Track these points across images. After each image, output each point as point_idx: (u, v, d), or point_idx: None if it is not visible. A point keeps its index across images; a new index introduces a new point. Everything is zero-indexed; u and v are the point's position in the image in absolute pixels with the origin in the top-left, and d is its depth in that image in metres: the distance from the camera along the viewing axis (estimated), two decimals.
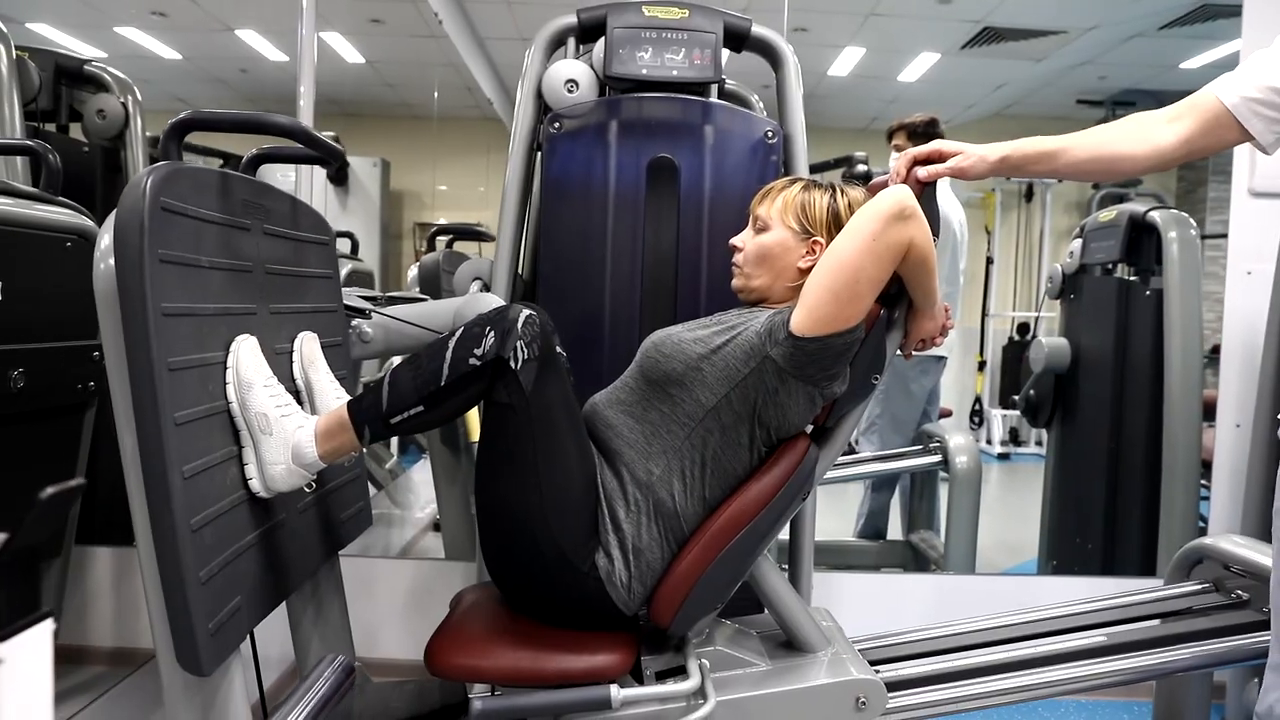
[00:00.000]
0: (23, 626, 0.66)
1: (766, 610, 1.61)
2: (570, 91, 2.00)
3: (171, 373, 1.16)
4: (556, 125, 1.97)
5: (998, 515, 4.67)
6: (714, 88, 2.06)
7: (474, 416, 1.88)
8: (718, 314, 1.58)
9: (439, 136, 4.76)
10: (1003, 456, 5.63)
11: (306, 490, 1.42)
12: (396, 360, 2.45)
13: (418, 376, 1.35)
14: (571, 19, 2.03)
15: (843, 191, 1.54)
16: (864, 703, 1.50)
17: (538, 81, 2.02)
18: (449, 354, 1.34)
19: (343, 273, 3.26)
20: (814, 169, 5.36)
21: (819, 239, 1.51)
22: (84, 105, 2.54)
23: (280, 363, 1.55)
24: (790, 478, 1.44)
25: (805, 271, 1.49)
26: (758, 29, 2.06)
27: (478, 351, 1.32)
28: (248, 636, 1.54)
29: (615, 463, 1.46)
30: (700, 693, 1.42)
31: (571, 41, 2.06)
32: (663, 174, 1.97)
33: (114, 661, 2.32)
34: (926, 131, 3.35)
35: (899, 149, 3.40)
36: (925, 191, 1.45)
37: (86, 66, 2.56)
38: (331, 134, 4.67)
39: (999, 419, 5.62)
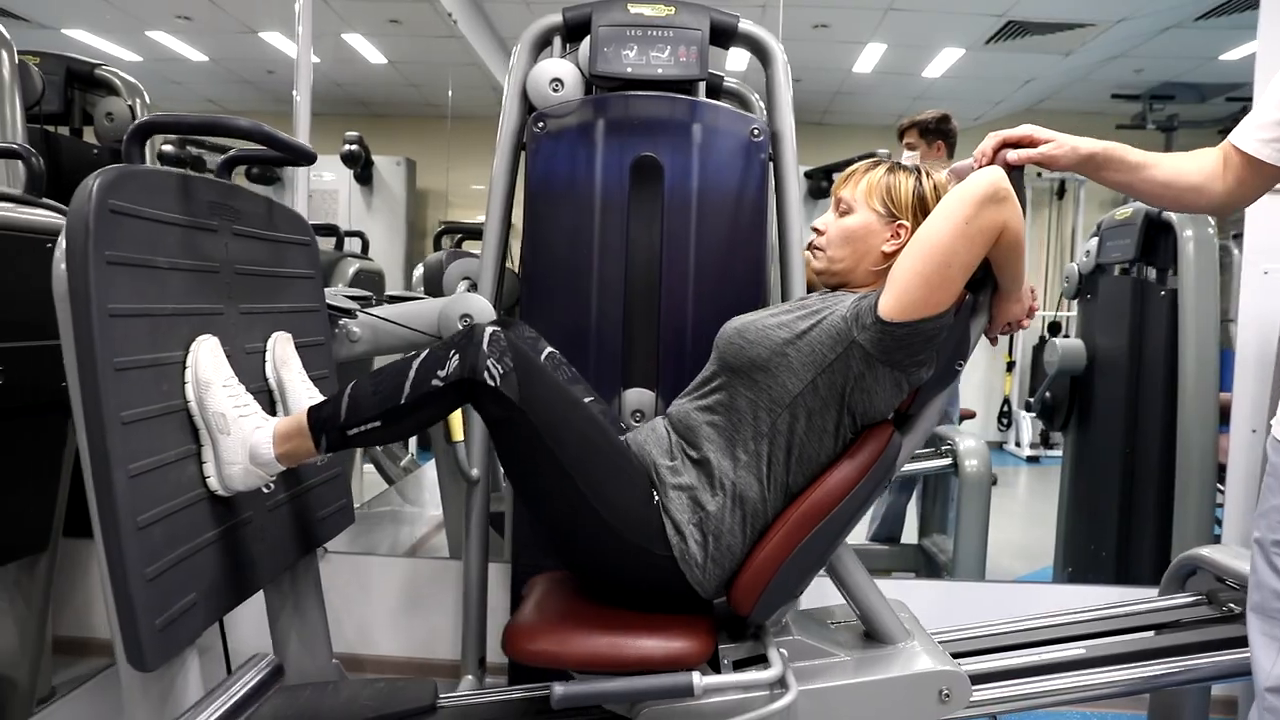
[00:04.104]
0: None
1: (845, 600, 1.58)
2: (555, 91, 1.99)
3: (119, 372, 1.17)
4: (541, 125, 1.97)
5: (1021, 519, 4.56)
6: (701, 85, 2.04)
7: (456, 417, 1.88)
8: (797, 299, 1.57)
9: (456, 135, 4.80)
10: (1032, 459, 5.50)
11: (266, 490, 1.43)
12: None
13: (379, 392, 1.35)
14: (557, 18, 2.03)
15: (928, 174, 1.52)
16: (947, 694, 1.48)
17: (523, 81, 2.01)
18: (412, 373, 1.34)
19: (350, 272, 3.31)
20: (837, 166, 5.29)
21: (904, 222, 1.49)
22: (94, 108, 2.59)
23: (251, 362, 1.56)
24: (874, 465, 1.42)
25: (889, 255, 1.48)
26: (745, 25, 2.03)
27: (441, 373, 1.33)
28: (219, 632, 1.57)
29: (702, 448, 1.45)
30: (781, 682, 1.41)
31: (558, 41, 2.05)
32: (647, 173, 1.96)
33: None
34: (939, 128, 3.32)
35: (911, 147, 3.37)
36: (1013, 176, 1.39)
37: (97, 70, 2.61)
38: (356, 134, 4.74)
39: (1028, 421, 5.49)
